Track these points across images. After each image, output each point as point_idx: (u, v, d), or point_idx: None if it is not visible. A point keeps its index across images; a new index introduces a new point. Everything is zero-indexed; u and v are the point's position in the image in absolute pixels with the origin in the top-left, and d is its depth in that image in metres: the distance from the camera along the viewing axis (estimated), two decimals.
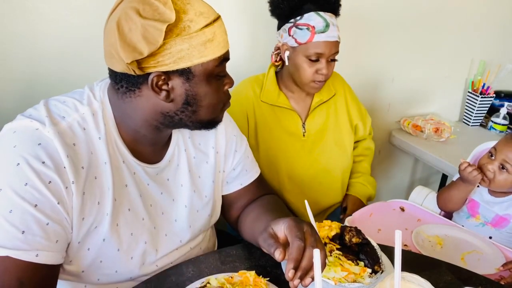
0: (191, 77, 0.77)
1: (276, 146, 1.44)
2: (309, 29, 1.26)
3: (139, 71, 0.74)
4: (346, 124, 1.53)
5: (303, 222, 0.78)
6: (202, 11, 0.76)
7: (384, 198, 2.17)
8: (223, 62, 0.81)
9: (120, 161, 0.83)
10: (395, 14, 1.90)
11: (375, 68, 2.01)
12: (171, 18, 0.70)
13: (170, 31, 0.72)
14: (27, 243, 0.69)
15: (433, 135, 1.96)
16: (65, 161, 0.73)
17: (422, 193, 1.44)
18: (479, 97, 2.08)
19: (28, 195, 0.70)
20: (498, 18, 2.14)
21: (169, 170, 0.92)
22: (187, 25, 0.73)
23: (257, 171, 1.09)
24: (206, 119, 0.85)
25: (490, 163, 1.22)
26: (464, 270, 0.93)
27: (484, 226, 1.26)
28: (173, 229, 0.92)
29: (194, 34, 0.74)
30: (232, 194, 1.05)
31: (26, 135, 0.73)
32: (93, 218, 0.78)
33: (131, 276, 0.87)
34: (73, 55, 1.40)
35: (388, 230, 1.20)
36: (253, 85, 1.44)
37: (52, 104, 0.80)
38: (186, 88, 0.78)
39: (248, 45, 1.67)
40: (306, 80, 1.33)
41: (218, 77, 0.81)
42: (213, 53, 0.77)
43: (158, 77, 0.75)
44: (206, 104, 0.82)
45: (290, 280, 0.71)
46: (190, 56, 0.75)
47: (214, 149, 0.99)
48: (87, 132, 0.79)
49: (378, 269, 0.83)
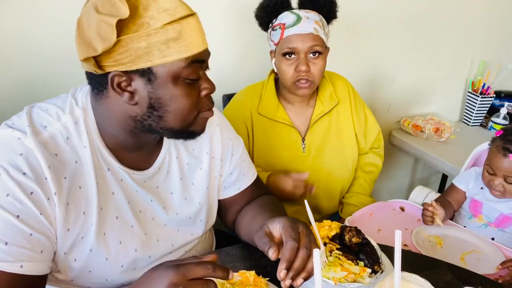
0: (153, 78, 0.72)
1: (274, 163, 1.38)
2: (280, 27, 1.24)
3: (99, 70, 0.71)
4: (348, 135, 1.44)
5: (298, 223, 0.78)
6: (166, 7, 0.70)
7: (384, 198, 2.17)
8: (192, 64, 0.74)
9: (105, 168, 0.80)
10: (395, 14, 1.90)
11: (375, 68, 2.00)
12: (125, 13, 0.66)
13: (125, 27, 0.68)
14: (11, 255, 0.68)
15: (433, 135, 1.96)
16: (46, 172, 0.71)
17: (422, 193, 1.44)
18: (479, 97, 2.08)
19: (9, 205, 0.68)
20: (498, 18, 2.14)
21: (159, 178, 0.89)
22: (146, 21, 0.68)
23: (254, 174, 1.07)
24: (177, 127, 0.79)
25: (494, 179, 1.20)
26: (464, 270, 0.93)
27: (486, 227, 1.25)
28: (164, 234, 0.90)
29: (153, 31, 0.69)
30: (229, 198, 1.04)
31: (7, 145, 0.72)
32: (79, 229, 0.76)
33: (122, 283, 0.85)
34: (73, 55, 1.38)
35: (388, 230, 1.20)
36: (251, 96, 1.37)
37: (34, 113, 0.78)
38: (148, 90, 0.73)
39: (239, 50, 1.65)
40: (289, 81, 1.26)
41: (188, 80, 0.75)
42: (178, 54, 0.71)
43: (118, 76, 0.72)
44: (174, 110, 0.76)
45: (282, 280, 0.71)
46: (149, 55, 0.70)
47: (209, 155, 0.96)
48: (70, 141, 0.77)
49: (378, 269, 0.83)
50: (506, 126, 1.55)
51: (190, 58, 0.73)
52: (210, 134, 0.97)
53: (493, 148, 1.21)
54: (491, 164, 1.20)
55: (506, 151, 1.15)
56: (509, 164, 1.16)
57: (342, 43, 1.37)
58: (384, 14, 1.88)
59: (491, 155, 1.21)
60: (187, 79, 0.75)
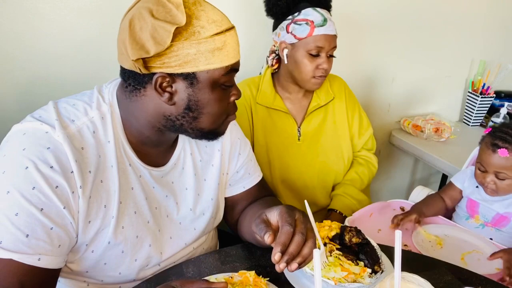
0: (195, 82, 0.77)
1: (271, 149, 1.43)
2: (308, 24, 1.27)
3: (145, 70, 0.74)
4: (344, 129, 1.50)
5: (295, 210, 0.80)
6: (215, 19, 0.76)
7: (384, 198, 2.17)
8: (230, 72, 0.81)
9: (127, 164, 0.83)
10: (396, 14, 1.90)
11: (375, 68, 2.00)
12: (181, 21, 0.71)
13: (179, 34, 0.72)
14: (31, 247, 0.70)
15: (433, 135, 1.96)
16: (73, 165, 0.73)
17: (422, 193, 1.44)
18: (479, 97, 2.08)
19: (35, 199, 0.70)
20: (498, 18, 2.14)
21: (174, 173, 0.92)
22: (197, 30, 0.73)
23: (259, 175, 1.10)
24: (207, 128, 0.84)
25: (486, 176, 1.21)
26: (464, 270, 0.93)
27: (484, 228, 1.25)
28: (178, 232, 0.92)
29: (203, 40, 0.74)
30: (234, 197, 1.06)
31: (35, 138, 0.73)
32: (100, 221, 0.79)
33: (134, 278, 0.87)
34: (73, 55, 1.40)
35: (388, 230, 1.21)
36: (250, 87, 1.43)
37: (62, 107, 0.80)
38: (189, 92, 0.78)
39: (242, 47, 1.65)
40: (307, 76, 1.33)
41: (223, 86, 0.81)
42: (220, 62, 0.77)
43: (162, 78, 0.76)
44: (208, 112, 0.81)
45: (276, 263, 0.72)
46: (196, 61, 0.74)
47: (220, 152, 0.99)
48: (96, 135, 0.79)
49: (378, 269, 0.83)
50: (494, 124, 1.56)
51: (229, 67, 0.79)
52: None
53: (483, 146, 1.23)
54: (481, 162, 1.22)
55: (495, 146, 1.17)
56: (498, 160, 1.17)
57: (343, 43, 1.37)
58: (384, 14, 1.88)
59: (481, 152, 1.23)
60: (223, 85, 0.81)
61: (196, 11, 0.74)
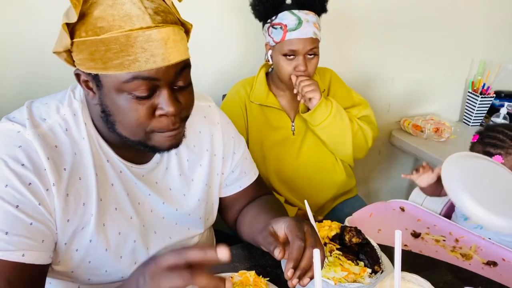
0: (100, 85, 0.72)
1: (265, 145, 1.46)
2: (282, 28, 1.30)
3: (72, 65, 0.75)
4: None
5: (303, 222, 0.79)
6: (119, 18, 0.66)
7: (384, 198, 2.16)
8: (135, 80, 0.69)
9: (104, 160, 0.82)
10: (395, 14, 1.90)
11: (375, 68, 2.00)
12: (72, 19, 0.67)
13: (78, 31, 0.69)
14: (12, 244, 0.69)
15: (433, 135, 1.96)
16: (45, 163, 0.72)
17: (422, 193, 1.44)
18: (479, 97, 2.08)
19: (9, 196, 0.70)
20: (498, 18, 2.14)
21: (158, 173, 0.90)
22: (95, 30, 0.67)
23: (255, 173, 1.08)
24: (132, 139, 0.76)
25: None
26: (464, 270, 0.93)
27: (482, 228, 1.25)
28: (162, 227, 0.91)
29: (97, 40, 0.67)
30: (230, 196, 1.05)
31: (7, 138, 0.73)
32: (78, 219, 0.77)
33: (122, 276, 0.85)
34: None
35: (388, 230, 1.20)
36: (245, 86, 1.46)
37: (34, 106, 0.79)
38: (99, 95, 0.73)
39: (239, 51, 1.66)
40: (286, 77, 1.36)
41: (134, 95, 0.70)
42: (117, 67, 0.68)
43: (84, 74, 0.73)
44: (120, 121, 0.74)
45: (289, 279, 0.71)
46: (94, 62, 0.69)
47: (209, 152, 0.97)
48: (69, 133, 0.78)
49: (378, 269, 0.83)
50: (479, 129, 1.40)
51: (131, 74, 0.69)
52: (211, 131, 0.97)
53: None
54: None
55: (488, 155, 1.14)
56: None
57: (342, 43, 1.38)
58: (384, 14, 1.88)
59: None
60: (132, 94, 0.70)
61: (100, 7, 0.67)
